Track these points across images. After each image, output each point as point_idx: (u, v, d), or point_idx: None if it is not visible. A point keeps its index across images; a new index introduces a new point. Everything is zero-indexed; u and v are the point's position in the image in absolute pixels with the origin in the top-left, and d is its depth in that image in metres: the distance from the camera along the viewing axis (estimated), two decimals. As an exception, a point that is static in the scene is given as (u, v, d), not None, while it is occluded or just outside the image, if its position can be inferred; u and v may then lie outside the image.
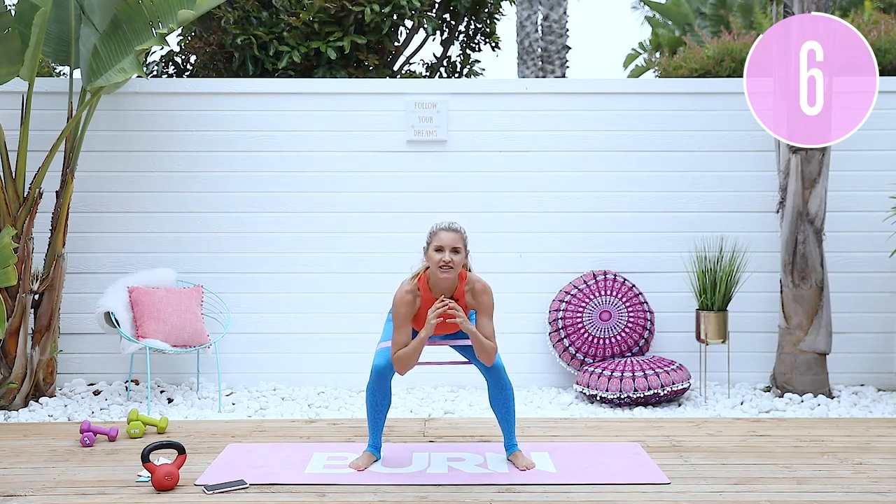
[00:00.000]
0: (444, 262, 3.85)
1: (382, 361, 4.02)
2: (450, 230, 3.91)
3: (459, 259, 3.89)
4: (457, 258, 3.88)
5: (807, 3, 5.50)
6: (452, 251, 3.87)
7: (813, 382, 5.61)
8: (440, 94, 6.06)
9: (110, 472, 4.02)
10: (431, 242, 3.92)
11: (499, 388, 4.06)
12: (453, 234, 3.90)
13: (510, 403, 4.09)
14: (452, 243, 3.88)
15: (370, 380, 4.07)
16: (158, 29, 5.47)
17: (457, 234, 3.92)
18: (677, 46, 13.34)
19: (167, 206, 6.00)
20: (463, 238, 3.94)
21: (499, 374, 4.04)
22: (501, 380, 4.05)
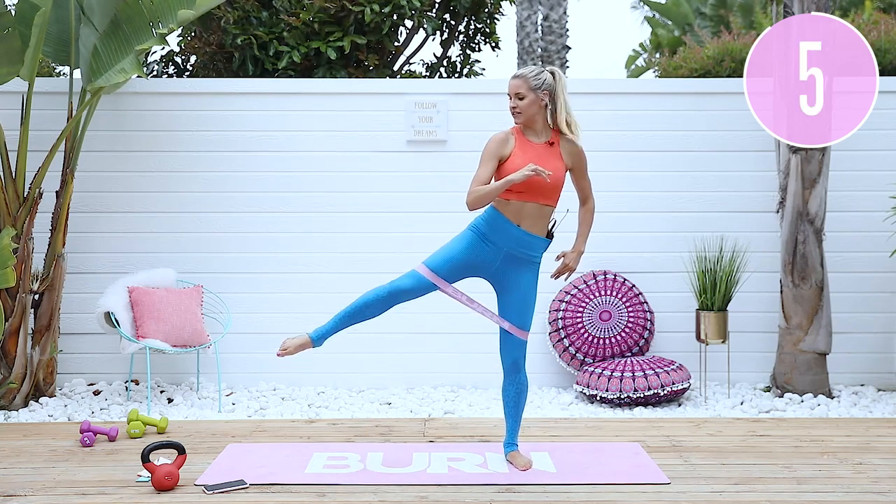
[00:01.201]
0: (511, 107, 3.94)
1: (408, 285, 3.91)
2: (514, 77, 3.97)
3: (526, 104, 3.91)
4: (522, 104, 3.92)
5: (807, 3, 5.50)
6: (516, 97, 3.92)
7: (813, 382, 5.61)
8: (440, 94, 6.06)
9: (110, 472, 4.02)
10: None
11: (513, 382, 4.05)
12: (515, 80, 3.95)
13: (521, 401, 4.08)
14: (515, 90, 3.93)
15: (382, 288, 3.94)
16: (158, 29, 5.47)
17: (519, 79, 3.94)
18: (677, 46, 13.35)
19: (167, 206, 6.00)
20: (528, 83, 3.92)
21: (518, 368, 4.03)
22: (519, 375, 4.04)
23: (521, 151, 3.92)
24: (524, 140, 3.96)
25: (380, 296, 3.94)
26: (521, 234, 3.92)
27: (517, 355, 4.02)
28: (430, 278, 3.93)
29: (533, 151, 3.92)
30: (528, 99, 3.92)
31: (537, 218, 3.93)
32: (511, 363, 4.03)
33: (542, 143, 3.97)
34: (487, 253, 3.94)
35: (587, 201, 4.16)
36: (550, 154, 3.94)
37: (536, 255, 3.99)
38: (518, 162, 3.87)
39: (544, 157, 3.92)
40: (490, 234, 3.93)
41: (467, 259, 3.95)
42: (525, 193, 3.88)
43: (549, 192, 3.91)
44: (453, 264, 3.94)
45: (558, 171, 3.92)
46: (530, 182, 3.83)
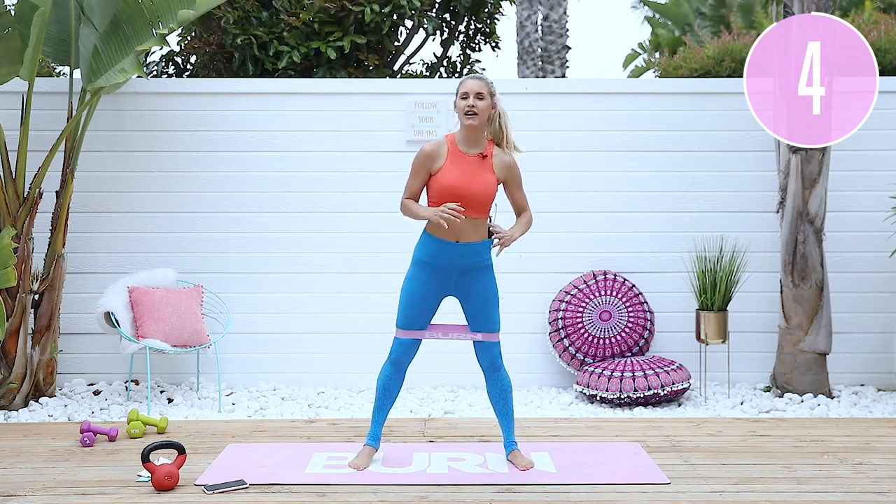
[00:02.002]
0: (468, 106, 3.87)
1: (400, 351, 4.03)
2: (475, 78, 3.94)
3: (484, 106, 3.89)
4: (481, 104, 3.88)
5: (807, 3, 5.50)
6: (476, 97, 3.88)
7: (813, 382, 5.61)
8: (440, 94, 6.05)
9: (110, 472, 4.02)
10: (458, 92, 3.92)
11: (496, 382, 4.07)
12: (478, 81, 3.92)
13: (508, 399, 4.09)
14: (477, 89, 3.89)
15: (385, 366, 4.07)
16: (158, 29, 5.47)
17: (481, 81, 3.93)
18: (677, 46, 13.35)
19: (167, 206, 6.00)
20: (487, 86, 3.92)
21: (497, 368, 4.05)
22: (499, 374, 4.06)
23: (453, 165, 3.91)
24: (457, 151, 3.94)
25: (389, 374, 4.07)
26: (462, 247, 3.94)
27: (492, 354, 4.05)
28: (409, 336, 4.03)
29: (465, 164, 3.91)
30: (485, 102, 3.91)
31: (472, 230, 3.94)
32: (489, 364, 4.06)
33: (475, 156, 3.94)
34: (439, 276, 3.98)
35: (522, 214, 4.12)
36: (482, 167, 3.93)
37: (485, 259, 4.01)
38: (449, 176, 3.88)
39: (476, 171, 3.91)
40: (433, 260, 3.98)
41: (426, 295, 4.01)
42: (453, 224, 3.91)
43: (479, 207, 3.92)
44: (417, 309, 4.01)
45: (489, 185, 3.91)
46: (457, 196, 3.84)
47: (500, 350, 4.08)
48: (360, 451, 4.12)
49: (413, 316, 4.01)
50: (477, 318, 4.03)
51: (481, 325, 4.03)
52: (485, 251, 4.01)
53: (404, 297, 4.03)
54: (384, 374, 4.09)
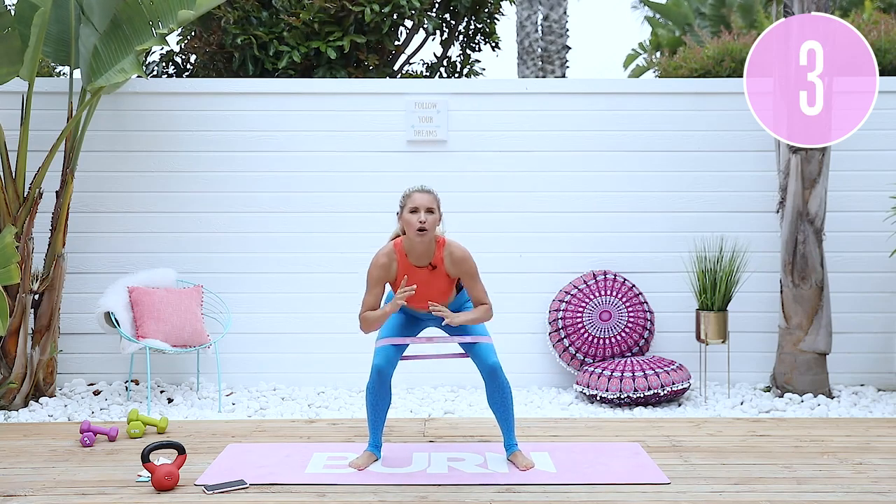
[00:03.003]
0: (420, 222, 3.85)
1: (382, 360, 4.03)
2: (423, 192, 3.93)
3: (433, 220, 3.89)
4: (431, 218, 3.87)
5: (807, 3, 5.50)
6: (427, 212, 3.88)
7: (813, 382, 5.61)
8: (440, 94, 6.06)
9: (110, 472, 4.02)
10: (405, 205, 3.91)
11: (496, 388, 4.05)
12: (427, 196, 3.91)
13: (508, 403, 4.07)
14: (427, 204, 3.88)
15: (370, 378, 4.07)
16: (158, 29, 5.47)
17: (430, 195, 3.93)
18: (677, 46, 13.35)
19: (167, 206, 6.01)
20: (436, 199, 3.94)
21: (496, 373, 4.03)
22: (499, 379, 4.03)
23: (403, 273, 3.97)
24: (408, 265, 3.96)
25: (374, 386, 4.07)
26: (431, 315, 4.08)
27: (491, 360, 4.01)
28: (390, 342, 4.05)
29: (416, 279, 3.94)
30: (435, 215, 3.92)
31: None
32: (489, 369, 4.01)
33: (426, 268, 3.96)
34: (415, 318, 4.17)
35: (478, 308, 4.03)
36: (434, 277, 3.96)
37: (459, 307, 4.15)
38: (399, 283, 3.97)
39: (428, 282, 3.94)
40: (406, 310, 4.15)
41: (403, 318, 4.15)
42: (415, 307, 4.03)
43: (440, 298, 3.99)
44: (397, 322, 4.12)
45: (446, 292, 4.01)
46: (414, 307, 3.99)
47: (495, 354, 4.05)
48: (362, 454, 4.13)
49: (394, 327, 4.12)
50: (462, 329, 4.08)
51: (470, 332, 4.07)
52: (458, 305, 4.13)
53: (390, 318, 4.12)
54: (370, 388, 4.07)
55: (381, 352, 4.05)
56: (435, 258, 3.96)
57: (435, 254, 3.96)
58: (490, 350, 4.04)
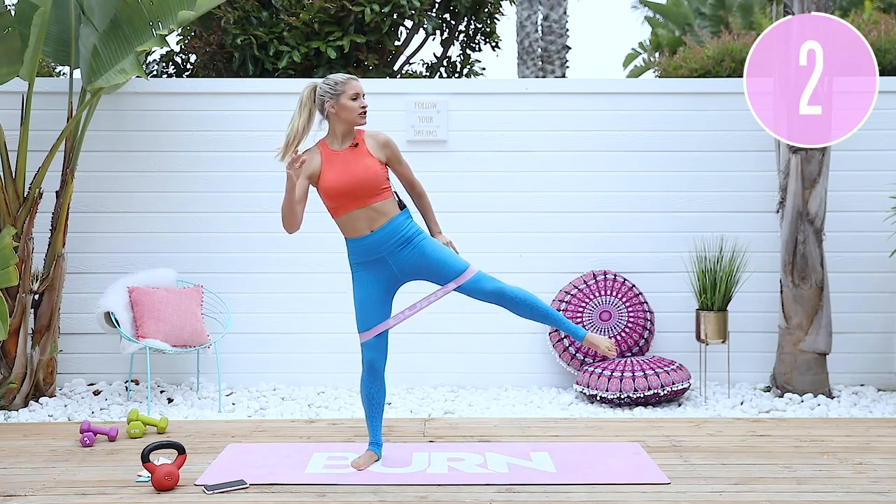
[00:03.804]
0: (363, 107, 3.94)
1: (372, 353, 4.03)
2: (355, 78, 3.97)
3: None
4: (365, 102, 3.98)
5: (807, 3, 5.50)
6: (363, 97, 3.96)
7: (813, 382, 5.61)
8: (440, 94, 6.06)
9: (110, 472, 4.02)
10: (343, 92, 3.92)
11: (513, 304, 3.94)
12: (360, 82, 4.00)
13: (536, 304, 3.94)
14: (363, 90, 3.98)
15: (363, 374, 4.07)
16: (158, 29, 5.47)
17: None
18: (677, 46, 13.34)
19: (167, 206, 6.01)
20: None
21: (503, 294, 3.93)
22: (508, 296, 3.92)
23: (330, 165, 3.94)
24: (329, 151, 3.98)
25: (368, 381, 4.08)
26: (378, 234, 3.95)
27: (488, 286, 3.92)
28: (372, 334, 4.02)
29: (340, 160, 3.94)
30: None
31: (378, 215, 3.94)
32: (493, 295, 3.93)
33: (348, 148, 3.97)
34: (379, 271, 3.99)
35: (413, 186, 4.17)
36: (358, 155, 3.96)
37: (409, 228, 3.99)
38: (331, 177, 3.92)
39: (353, 161, 3.93)
40: (363, 258, 4.01)
41: (372, 292, 4.01)
42: (350, 203, 3.93)
43: (370, 192, 3.92)
44: (370, 308, 4.01)
45: (372, 167, 3.93)
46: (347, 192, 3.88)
47: (488, 276, 3.95)
48: (364, 453, 4.13)
49: (368, 317, 4.01)
50: (439, 274, 3.97)
51: (447, 275, 3.95)
52: (402, 225, 3.97)
53: (357, 304, 4.03)
54: (363, 383, 4.08)
55: (368, 345, 4.03)
56: (356, 139, 3.99)
57: (356, 136, 4.00)
58: (481, 279, 3.94)
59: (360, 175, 3.90)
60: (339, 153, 3.96)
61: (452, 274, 3.96)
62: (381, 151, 4.01)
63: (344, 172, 3.91)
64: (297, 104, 4.02)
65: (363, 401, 4.13)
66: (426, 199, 4.19)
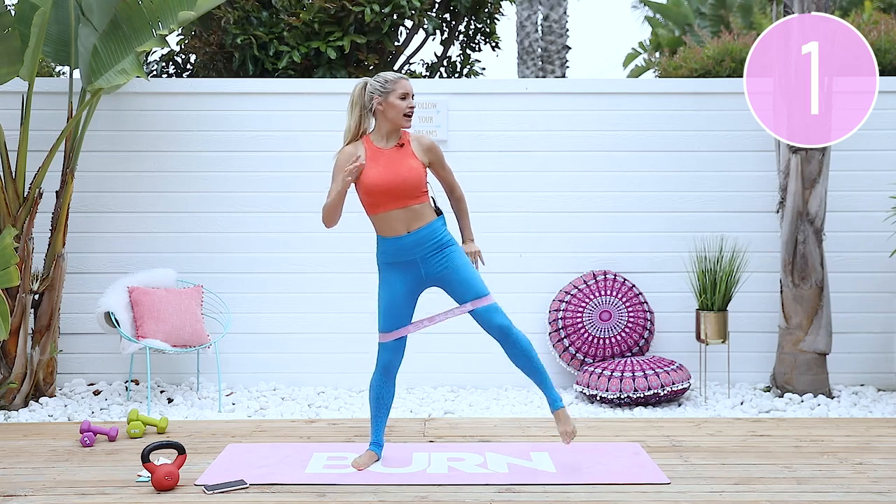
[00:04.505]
0: (410, 107, 3.92)
1: (390, 355, 4.02)
2: (406, 78, 3.96)
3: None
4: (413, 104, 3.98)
5: (807, 3, 5.50)
6: (412, 97, 3.96)
7: (813, 382, 5.61)
8: (440, 94, 6.05)
9: (110, 472, 4.02)
10: (392, 91, 3.91)
11: (512, 347, 3.93)
12: (411, 82, 3.99)
13: (532, 358, 3.95)
14: (413, 90, 3.97)
15: (375, 374, 4.06)
16: (158, 29, 5.47)
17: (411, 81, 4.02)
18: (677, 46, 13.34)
19: (167, 206, 6.01)
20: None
21: (507, 333, 3.91)
22: (511, 337, 3.92)
23: (374, 162, 3.92)
24: (375, 149, 3.96)
25: (380, 381, 4.08)
26: (414, 236, 3.93)
27: (497, 320, 3.91)
28: (392, 337, 4.02)
29: (385, 158, 3.93)
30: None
31: (416, 217, 3.93)
32: (497, 330, 3.92)
33: (393, 148, 3.96)
34: (407, 273, 3.97)
35: (454, 190, 4.17)
36: (403, 155, 3.95)
37: (441, 237, 3.98)
38: (373, 174, 3.89)
39: (397, 160, 3.92)
40: (394, 259, 3.99)
41: (399, 294, 4.00)
42: (389, 203, 3.90)
43: (411, 193, 3.91)
44: (395, 310, 4.00)
45: (416, 169, 3.92)
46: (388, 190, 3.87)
47: (502, 311, 3.94)
48: (364, 453, 4.12)
49: (392, 318, 4.00)
50: (460, 292, 3.95)
51: (467, 294, 3.93)
52: (438, 231, 3.97)
53: (382, 303, 4.02)
54: (374, 383, 4.09)
55: (387, 347, 4.03)
56: (402, 139, 3.99)
57: (402, 136, 4.00)
58: (493, 310, 3.92)
59: (403, 175, 3.90)
60: (384, 151, 3.95)
61: (471, 295, 3.94)
62: (426, 155, 4.01)
63: (388, 171, 3.89)
64: (349, 103, 4.02)
65: (371, 400, 4.11)
66: (464, 204, 4.20)
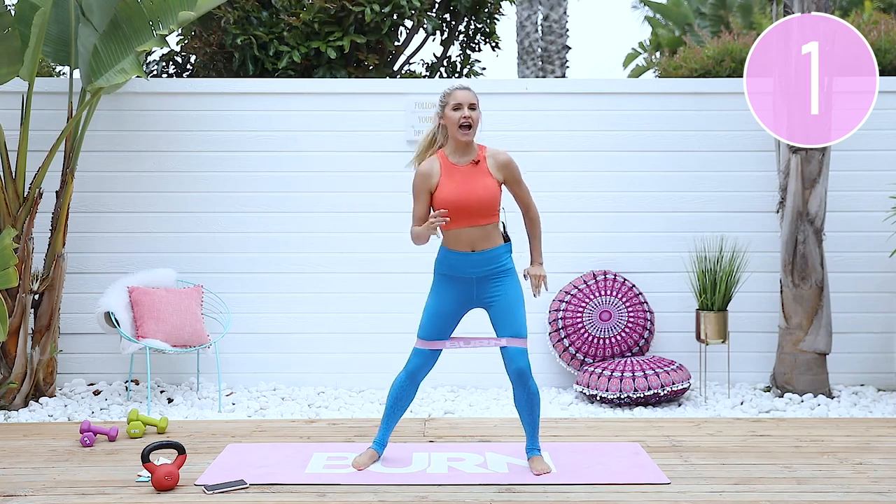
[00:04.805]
0: (464, 117, 3.81)
1: (417, 362, 4.00)
2: (464, 88, 3.89)
3: (477, 116, 3.87)
4: (475, 114, 3.85)
5: (807, 3, 5.50)
6: (469, 107, 3.84)
7: (813, 382, 5.61)
8: (440, 94, 6.03)
9: (110, 472, 4.02)
10: (447, 103, 3.87)
11: (523, 392, 3.94)
12: (468, 92, 3.87)
13: (535, 407, 3.98)
14: (469, 100, 3.85)
15: (400, 374, 4.04)
16: (158, 29, 5.47)
17: (470, 91, 3.88)
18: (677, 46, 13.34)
19: (167, 206, 6.01)
20: (476, 97, 3.90)
21: (524, 377, 3.91)
22: (526, 383, 3.92)
23: (448, 178, 3.88)
24: (449, 165, 3.91)
25: (403, 383, 4.04)
26: (477, 256, 3.90)
27: (520, 364, 3.90)
28: (429, 346, 3.99)
29: (459, 175, 3.88)
30: (477, 112, 3.89)
31: (484, 237, 3.90)
32: (516, 373, 3.91)
33: (468, 164, 3.90)
34: (461, 288, 3.95)
35: (529, 209, 4.07)
36: (477, 173, 3.89)
37: (503, 264, 3.96)
38: (447, 190, 3.86)
39: (472, 179, 3.87)
40: (450, 271, 3.96)
41: (447, 306, 3.97)
42: (460, 220, 3.86)
43: (484, 213, 3.87)
44: (440, 321, 3.98)
45: (490, 188, 3.87)
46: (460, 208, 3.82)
47: (528, 358, 3.92)
48: (365, 451, 4.11)
49: (434, 327, 3.97)
50: (502, 324, 3.93)
51: (506, 329, 3.91)
52: (502, 256, 3.94)
53: (427, 310, 3.99)
54: (398, 383, 4.05)
55: (421, 353, 4.00)
56: (478, 156, 3.92)
57: (477, 152, 3.93)
58: (521, 353, 3.90)
59: (478, 194, 3.85)
60: (459, 168, 3.89)
61: (511, 332, 3.91)
62: (500, 171, 3.93)
63: (462, 188, 3.85)
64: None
65: (389, 398, 4.07)
66: (538, 226, 4.09)
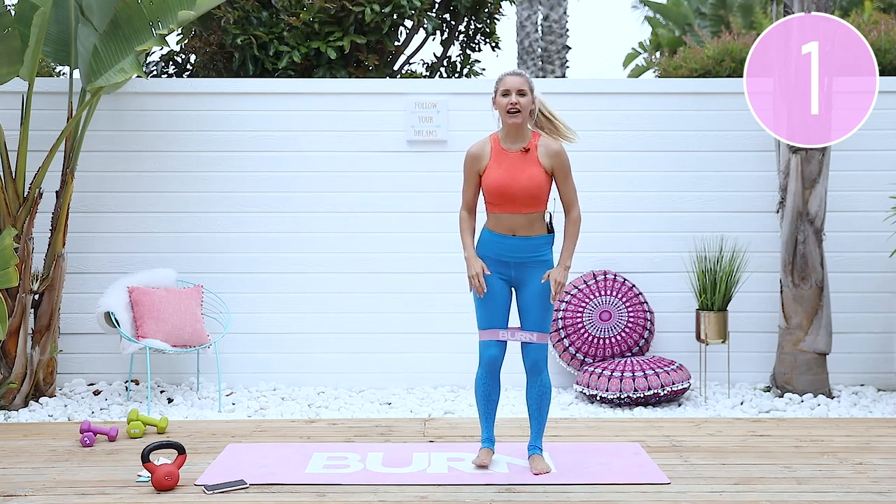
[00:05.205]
0: (511, 104, 3.86)
1: (492, 351, 3.98)
2: (514, 74, 3.93)
3: (527, 102, 3.89)
4: (523, 100, 3.88)
5: (807, 3, 5.50)
6: (518, 94, 3.88)
7: (813, 382, 5.61)
8: (440, 94, 6.06)
9: (110, 472, 4.03)
10: (498, 90, 3.92)
11: (535, 385, 3.99)
12: (518, 78, 3.91)
13: (544, 404, 4.01)
14: (518, 86, 3.88)
15: (479, 372, 4.03)
16: (158, 29, 5.47)
17: (521, 77, 3.92)
18: (677, 46, 13.34)
19: (167, 206, 6.00)
20: (529, 83, 3.93)
21: (538, 369, 3.97)
22: (540, 376, 3.98)
23: (497, 163, 3.91)
24: (500, 149, 3.94)
25: (485, 379, 4.02)
26: (516, 241, 3.93)
27: (537, 357, 3.96)
28: (491, 336, 3.98)
29: (508, 161, 3.90)
30: (528, 98, 3.91)
31: (526, 224, 3.92)
32: (531, 364, 3.97)
33: (518, 151, 3.92)
34: (501, 270, 3.96)
35: (570, 210, 4.03)
36: (526, 161, 3.90)
37: (544, 255, 3.97)
38: (493, 175, 3.89)
39: (519, 166, 3.89)
40: (490, 253, 3.97)
41: (495, 289, 3.96)
42: (504, 205, 3.89)
43: (528, 201, 3.89)
44: (491, 305, 3.97)
45: (535, 179, 3.88)
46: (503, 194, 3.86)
47: (546, 354, 3.99)
48: (480, 451, 4.08)
49: (488, 314, 3.97)
50: (529, 316, 3.96)
51: (533, 324, 3.95)
52: (542, 246, 3.95)
53: (476, 298, 3.99)
54: (479, 381, 4.03)
55: (487, 345, 3.99)
56: (529, 143, 3.94)
57: (530, 140, 3.95)
58: (542, 350, 3.97)
59: (523, 183, 3.87)
60: (509, 154, 3.92)
61: (535, 326, 3.96)
62: (550, 160, 3.93)
63: (508, 175, 3.87)
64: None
65: (478, 399, 4.05)
66: (574, 229, 4.01)
